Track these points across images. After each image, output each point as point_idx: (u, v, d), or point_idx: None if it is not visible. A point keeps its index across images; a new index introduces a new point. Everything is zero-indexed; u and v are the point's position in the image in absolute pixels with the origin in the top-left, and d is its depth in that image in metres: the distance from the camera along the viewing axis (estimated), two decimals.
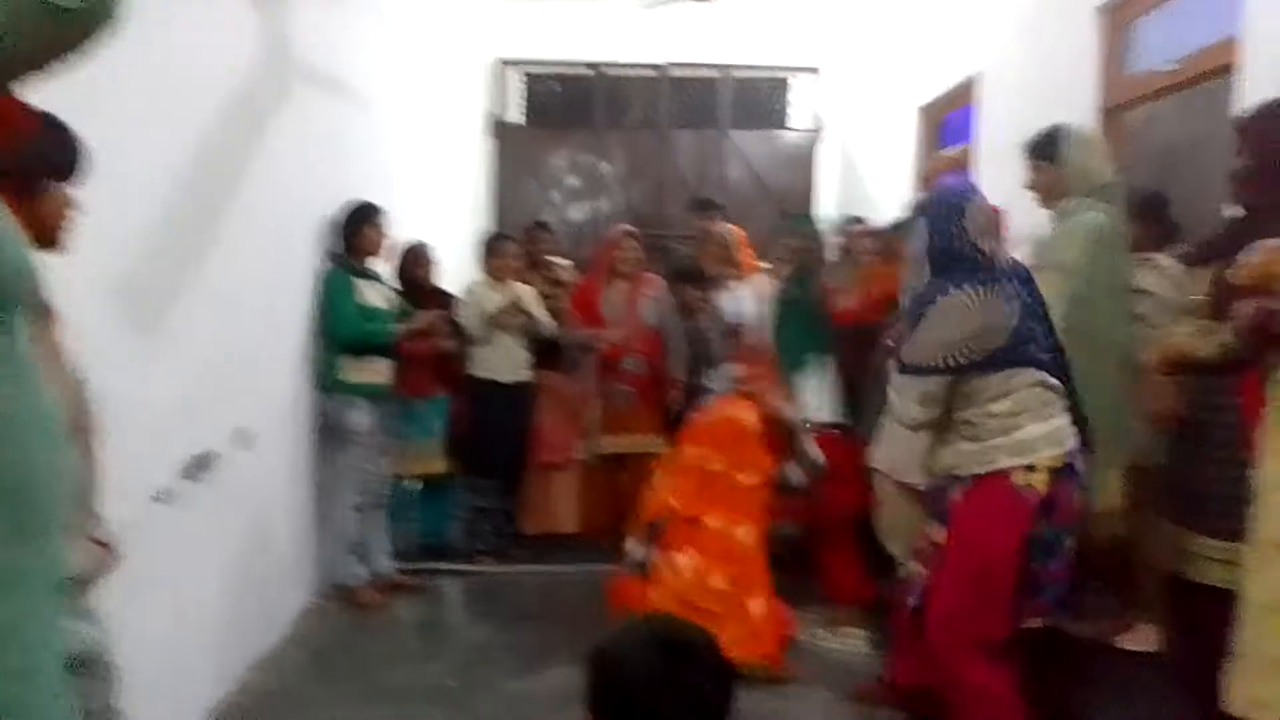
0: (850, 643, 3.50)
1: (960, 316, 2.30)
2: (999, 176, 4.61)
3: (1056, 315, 2.67)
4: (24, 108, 1.47)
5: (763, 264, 4.79)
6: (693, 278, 4.54)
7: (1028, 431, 2.30)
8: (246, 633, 3.15)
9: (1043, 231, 3.11)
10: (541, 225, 4.96)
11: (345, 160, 4.03)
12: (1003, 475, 2.31)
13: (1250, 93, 3.20)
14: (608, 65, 7.77)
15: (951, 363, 2.31)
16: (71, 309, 1.62)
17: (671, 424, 4.12)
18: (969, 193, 2.49)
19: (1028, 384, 2.32)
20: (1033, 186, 3.04)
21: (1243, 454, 2.03)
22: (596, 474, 4.46)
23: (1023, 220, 3.86)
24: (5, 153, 1.18)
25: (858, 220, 5.54)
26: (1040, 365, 2.33)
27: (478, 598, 4.03)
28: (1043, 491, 2.28)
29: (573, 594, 3.98)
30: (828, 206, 7.85)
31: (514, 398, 4.37)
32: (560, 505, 4.57)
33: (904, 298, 2.63)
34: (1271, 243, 1.55)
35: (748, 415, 3.56)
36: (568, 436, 4.50)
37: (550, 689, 3.09)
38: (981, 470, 2.34)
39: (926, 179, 6.22)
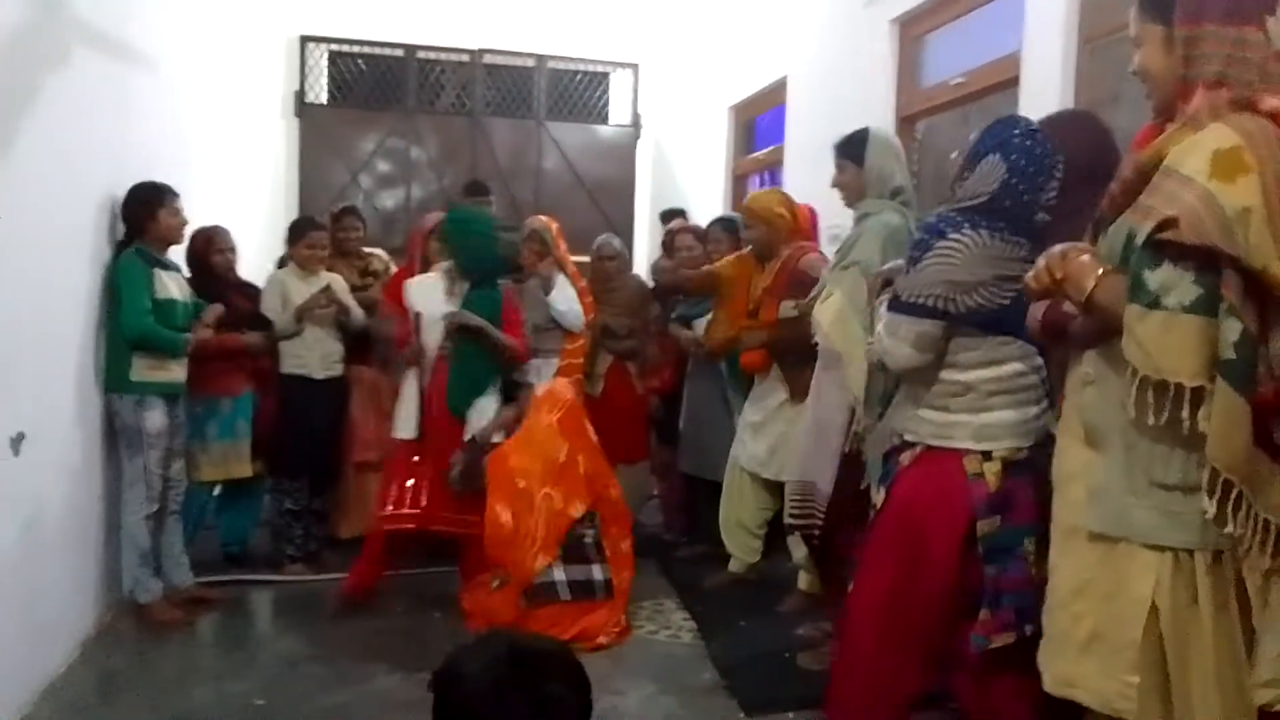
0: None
1: (974, 258, 2.08)
2: (806, 177, 4.84)
3: (858, 310, 2.90)
4: None
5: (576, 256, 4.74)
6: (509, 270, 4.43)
7: (997, 416, 2.13)
8: (27, 657, 2.82)
9: (843, 231, 3.29)
10: (350, 211, 4.70)
11: (131, 132, 3.68)
12: (955, 455, 2.14)
13: (1028, 104, 3.50)
14: (419, 47, 7.53)
15: (953, 307, 2.09)
16: None
17: None
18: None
19: (1015, 359, 2.14)
20: (838, 185, 3.19)
21: None
22: None
23: (829, 219, 4.09)
24: None
25: (678, 214, 5.66)
26: (1032, 344, 2.11)
27: (288, 608, 3.80)
28: (993, 486, 2.12)
29: (391, 598, 3.83)
30: (643, 202, 7.97)
31: (325, 393, 4.13)
32: (368, 506, 4.38)
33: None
34: (1060, 247, 1.68)
35: (568, 392, 3.76)
36: (383, 433, 4.31)
37: (369, 700, 2.95)
38: (935, 443, 2.18)
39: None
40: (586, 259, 4.79)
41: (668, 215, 5.80)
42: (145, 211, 3.45)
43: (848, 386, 2.90)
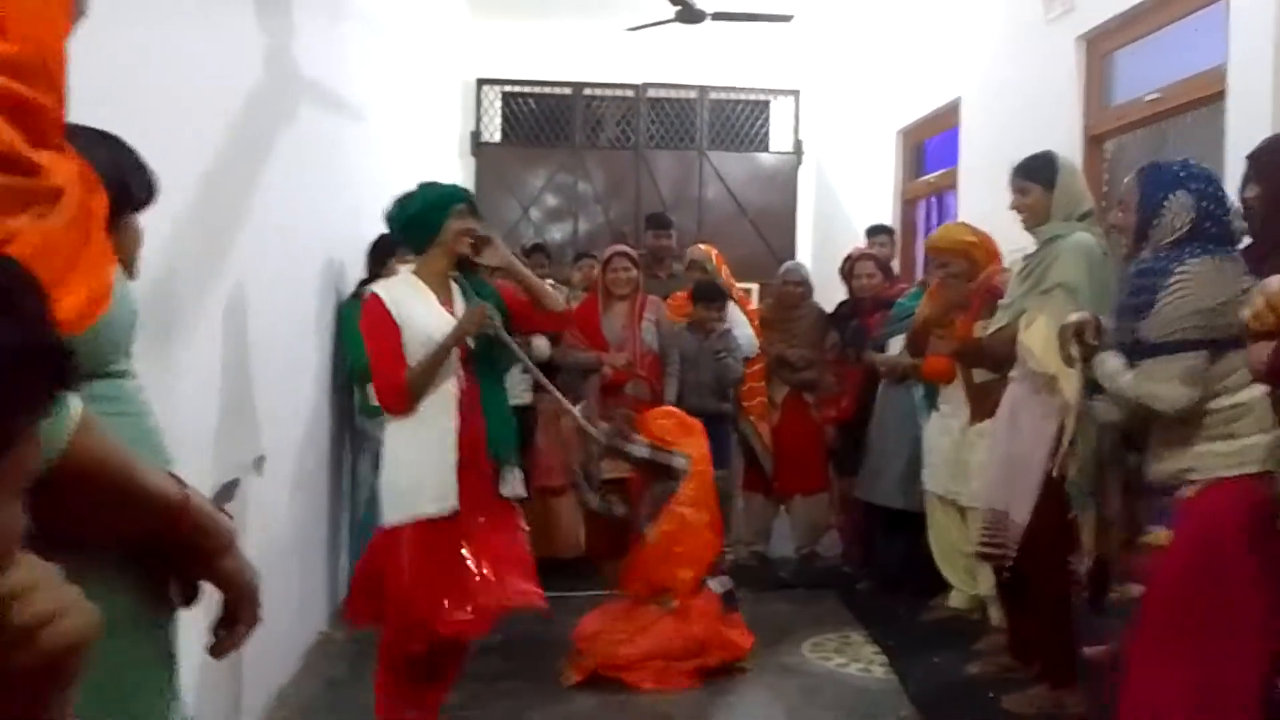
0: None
1: (1212, 281, 2.12)
2: (982, 200, 4.74)
3: None
4: (107, 137, 1.45)
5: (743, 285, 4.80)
6: (709, 296, 4.47)
7: None
8: (265, 667, 3.09)
9: (1028, 253, 3.21)
10: (539, 248, 4.97)
11: (341, 180, 4.00)
12: (1253, 480, 2.05)
13: (1237, 119, 3.33)
14: (586, 85, 7.80)
15: (1213, 333, 2.08)
16: None
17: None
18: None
19: None
20: (1021, 208, 3.13)
21: None
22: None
23: (1005, 244, 3.99)
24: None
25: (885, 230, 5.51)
26: None
27: None
28: None
29: (577, 619, 3.95)
30: (805, 229, 7.96)
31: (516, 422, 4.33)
32: (560, 530, 4.55)
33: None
34: (1277, 281, 1.59)
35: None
36: (557, 461, 4.48)
37: (567, 717, 3.07)
38: (1232, 473, 2.09)
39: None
40: (747, 285, 4.83)
41: (874, 231, 5.68)
42: (379, 258, 3.83)
43: (1063, 407, 2.82)
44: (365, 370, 3.63)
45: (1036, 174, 3.09)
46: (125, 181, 1.49)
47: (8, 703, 0.61)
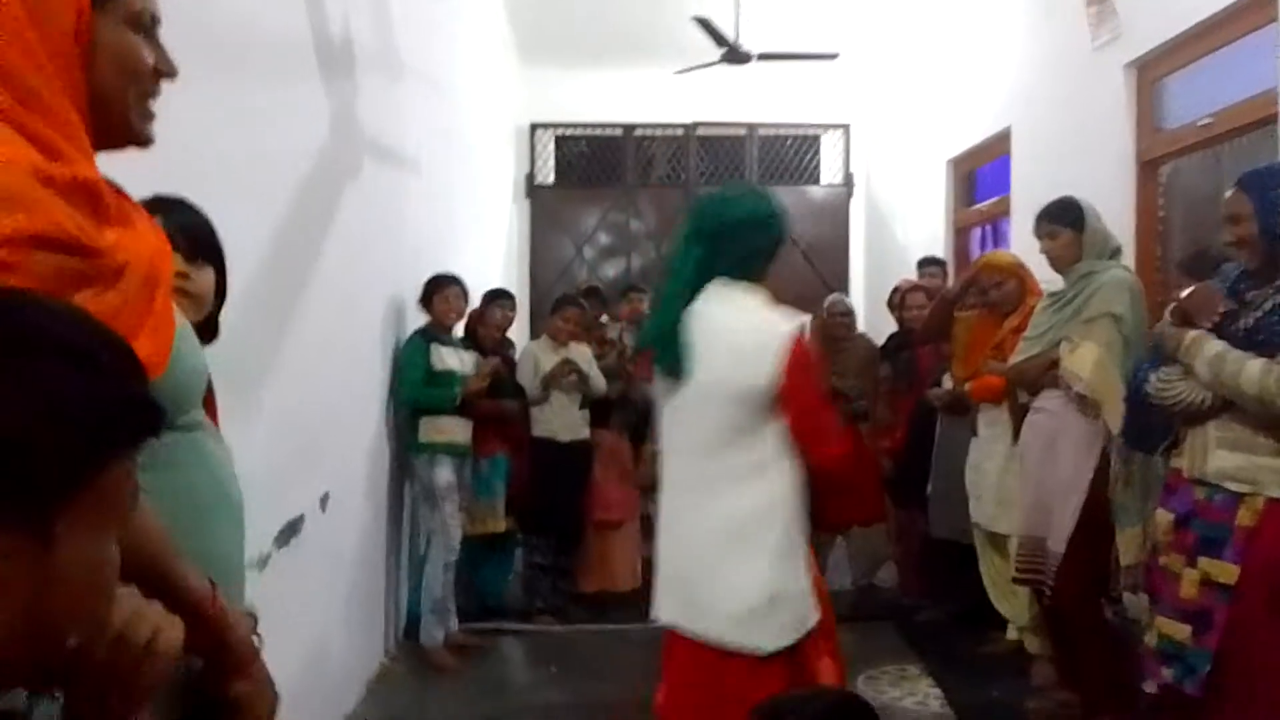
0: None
1: None
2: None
3: (1115, 359, 2.89)
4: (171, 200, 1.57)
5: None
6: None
7: None
8: (328, 698, 3.18)
9: (1053, 290, 3.25)
10: (593, 291, 5.10)
11: (406, 229, 4.16)
12: None
13: None
14: (637, 125, 7.95)
15: None
16: None
17: None
18: None
19: None
20: (1051, 252, 3.19)
21: None
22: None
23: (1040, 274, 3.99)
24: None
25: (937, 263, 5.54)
26: None
27: (542, 656, 4.06)
28: None
29: (636, 652, 3.98)
30: (857, 260, 7.97)
31: (570, 456, 4.44)
32: (618, 563, 4.61)
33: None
34: None
35: None
36: (626, 494, 4.55)
37: None
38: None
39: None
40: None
41: (925, 263, 5.65)
42: (426, 297, 3.97)
43: (1106, 432, 2.84)
44: (411, 400, 3.78)
45: (1064, 218, 3.18)
46: (210, 237, 1.61)
47: (131, 705, 0.74)
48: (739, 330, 2.04)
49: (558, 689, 3.66)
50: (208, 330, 1.62)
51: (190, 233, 1.54)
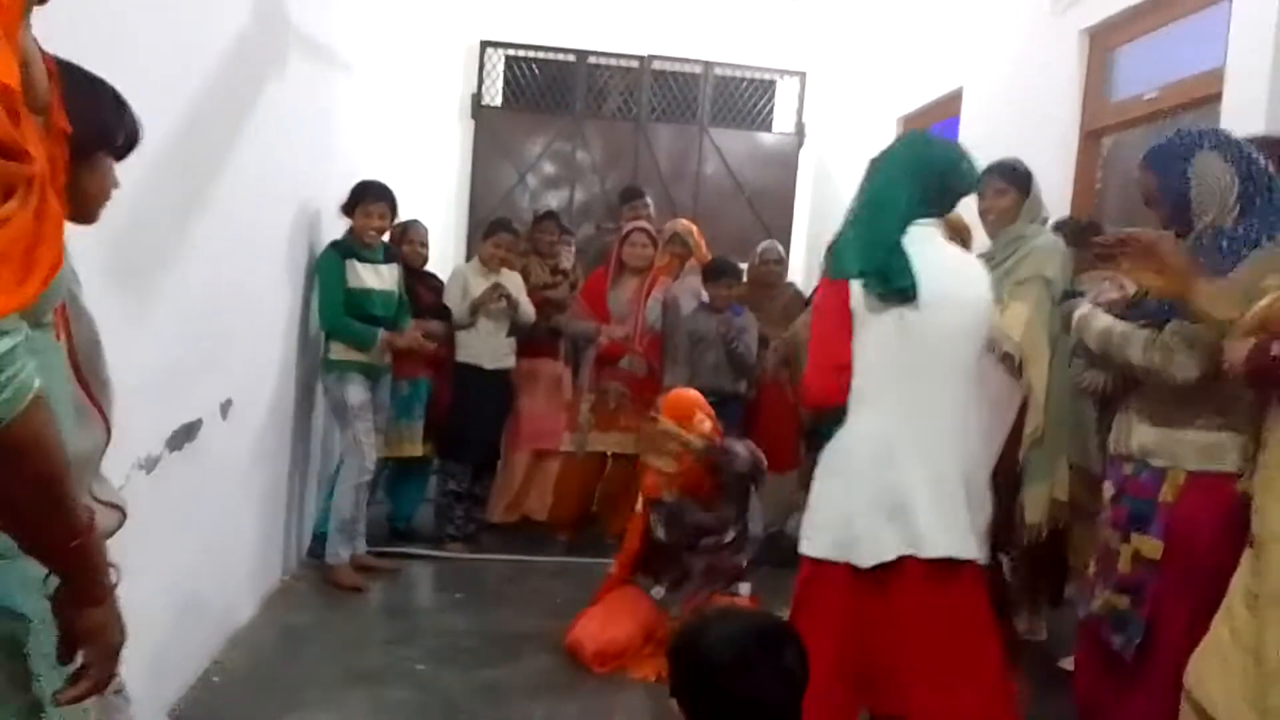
0: None
1: None
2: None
3: (1043, 321, 2.94)
4: (92, 79, 1.45)
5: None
6: (722, 273, 4.39)
7: None
8: (224, 609, 3.10)
9: (981, 252, 3.26)
10: (550, 215, 4.98)
11: (332, 134, 3.97)
12: (1228, 480, 1.97)
13: (1231, 122, 3.31)
14: (590, 53, 7.74)
15: None
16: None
17: None
18: None
19: None
20: (993, 209, 3.19)
21: None
22: (576, 467, 4.45)
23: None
24: (72, 119, 1.16)
25: None
26: None
27: (448, 584, 4.01)
28: None
29: (542, 584, 3.99)
30: (803, 211, 7.93)
31: (494, 384, 4.35)
32: (534, 494, 4.57)
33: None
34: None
35: None
36: (554, 425, 4.49)
37: (524, 677, 3.09)
38: (1202, 468, 2.02)
39: None
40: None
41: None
42: (348, 208, 3.78)
43: (1027, 391, 2.89)
44: (331, 329, 3.65)
45: (1017, 179, 3.18)
46: (104, 122, 1.48)
47: None
48: (956, 257, 2.26)
49: (461, 615, 3.62)
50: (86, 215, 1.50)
51: (89, 124, 1.41)
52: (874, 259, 2.16)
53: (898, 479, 2.13)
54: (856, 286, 2.16)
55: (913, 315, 2.12)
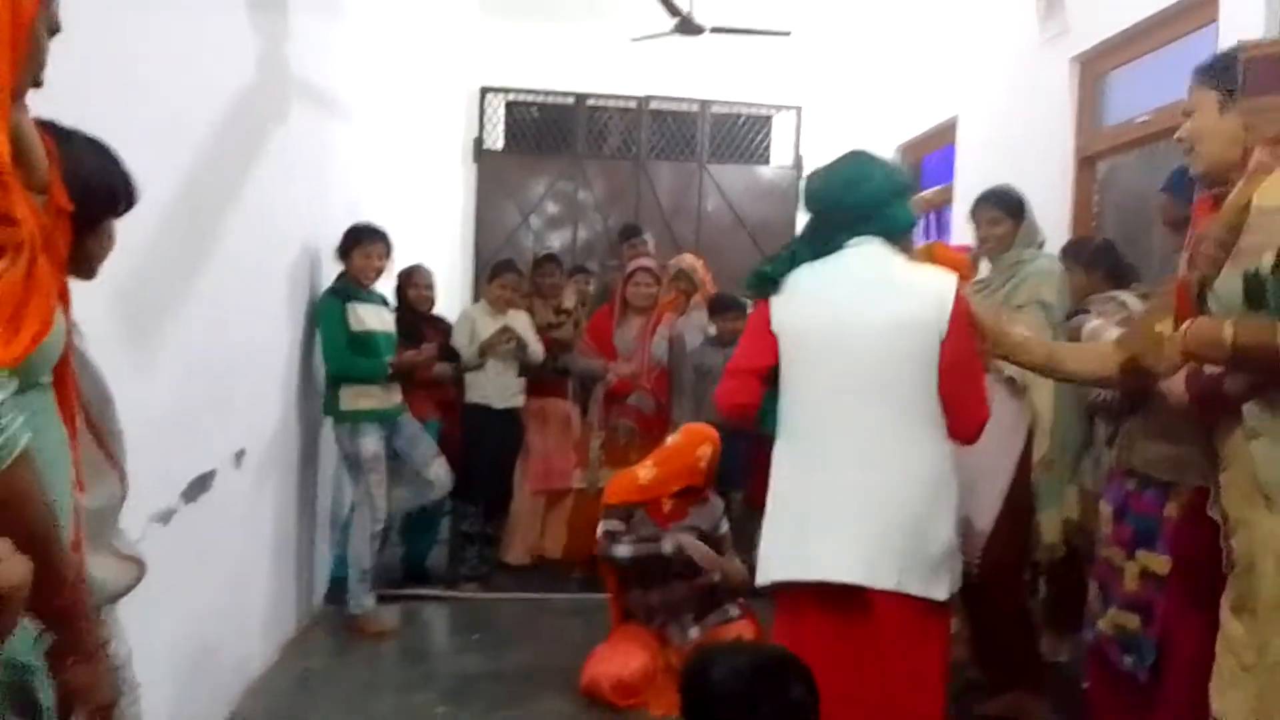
0: None
1: None
2: None
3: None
4: (97, 148, 1.49)
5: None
6: (726, 307, 4.39)
7: None
8: (240, 658, 3.11)
9: (980, 278, 3.31)
10: (551, 258, 5.02)
11: (332, 180, 4.03)
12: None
13: None
14: (589, 95, 7.86)
15: None
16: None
17: None
18: None
19: None
20: (989, 238, 3.22)
21: None
22: (589, 504, 4.45)
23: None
24: (79, 193, 1.20)
25: None
26: None
27: (464, 624, 4.01)
28: None
29: (558, 622, 3.98)
30: None
31: (504, 424, 4.38)
32: (548, 533, 4.58)
33: None
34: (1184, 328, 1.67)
35: None
36: (565, 464, 4.52)
37: (543, 717, 3.08)
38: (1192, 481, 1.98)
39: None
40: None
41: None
42: (344, 251, 3.78)
43: (1034, 415, 2.90)
44: (339, 372, 3.67)
45: (1010, 207, 3.20)
46: (111, 191, 1.52)
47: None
48: (904, 278, 2.12)
49: (478, 656, 3.61)
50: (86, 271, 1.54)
51: (96, 196, 1.45)
52: (762, 271, 2.22)
53: (804, 501, 2.07)
54: (777, 305, 2.15)
55: (839, 337, 2.06)
